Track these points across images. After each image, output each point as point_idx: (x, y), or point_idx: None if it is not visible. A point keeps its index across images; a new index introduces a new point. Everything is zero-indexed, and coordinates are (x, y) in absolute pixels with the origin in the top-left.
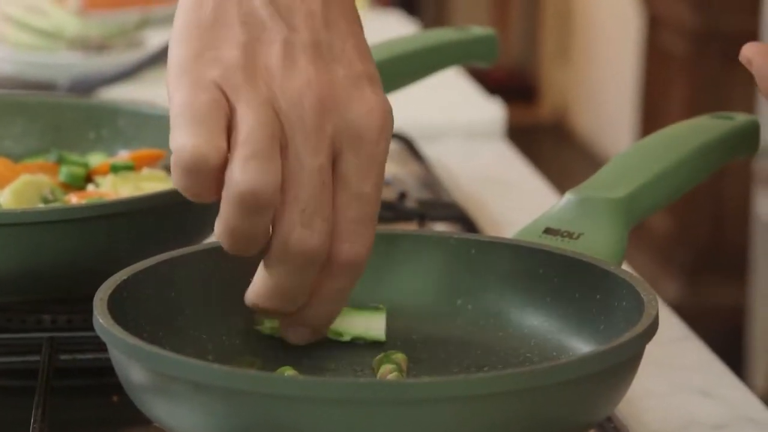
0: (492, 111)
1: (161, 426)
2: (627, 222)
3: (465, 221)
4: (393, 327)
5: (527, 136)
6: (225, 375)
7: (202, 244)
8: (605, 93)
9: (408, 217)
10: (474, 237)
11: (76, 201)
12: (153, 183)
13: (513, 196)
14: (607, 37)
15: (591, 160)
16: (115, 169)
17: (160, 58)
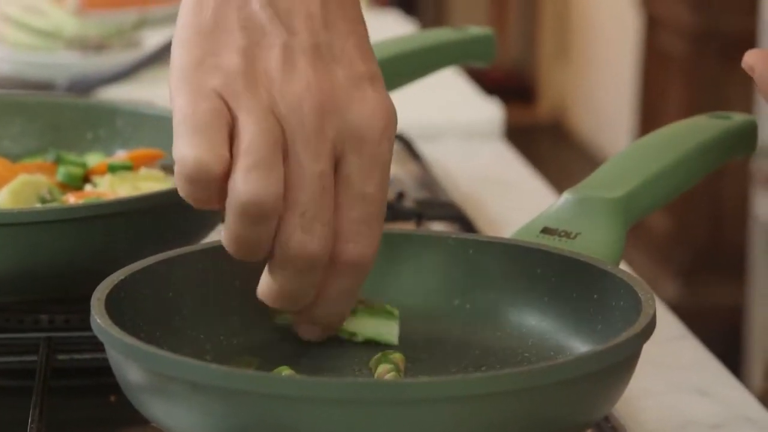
0: (490, 111)
1: (159, 426)
2: (625, 222)
3: (463, 221)
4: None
5: (526, 136)
6: (222, 375)
7: (199, 244)
8: (604, 93)
9: (406, 217)
10: (472, 237)
11: (73, 201)
12: (151, 183)
13: (511, 196)
14: (606, 38)
15: (589, 160)
16: (113, 169)
17: (158, 58)
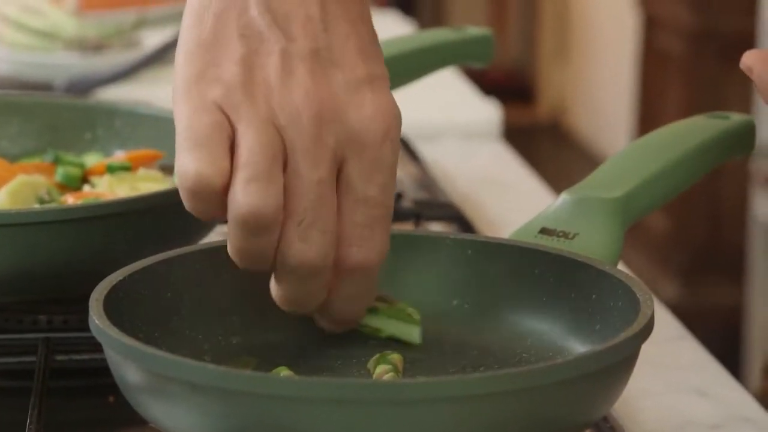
0: (489, 111)
1: (157, 427)
2: (623, 222)
3: (461, 221)
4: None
5: (525, 136)
6: (221, 375)
7: (198, 244)
8: (603, 93)
9: (404, 218)
10: (470, 237)
11: (72, 201)
12: (149, 183)
13: (510, 196)
14: (605, 38)
15: (588, 160)
16: (112, 170)
17: (157, 58)
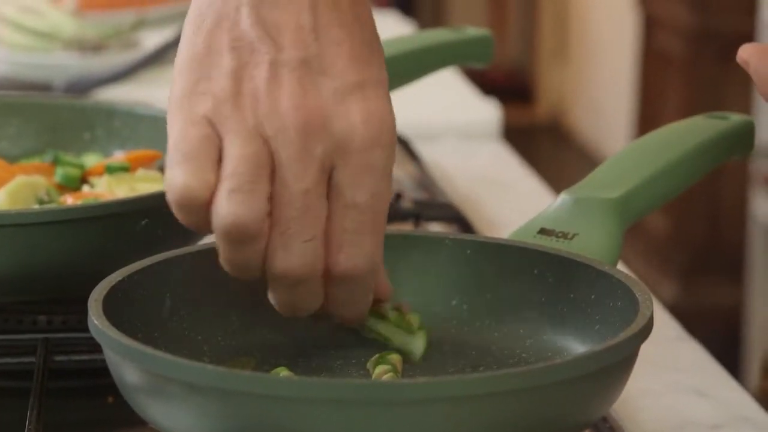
0: (488, 112)
1: (156, 427)
2: (622, 222)
3: (461, 222)
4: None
5: (524, 136)
6: (220, 376)
7: (197, 245)
8: (602, 94)
9: (404, 218)
10: (469, 237)
11: (71, 202)
12: (148, 184)
13: (509, 196)
14: (604, 38)
15: (588, 160)
16: (111, 170)
17: (156, 58)
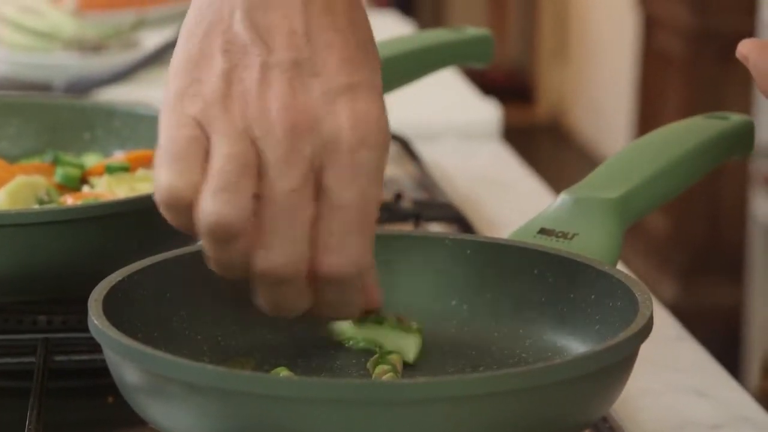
0: (488, 112)
1: (156, 427)
2: (622, 222)
3: (461, 222)
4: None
5: (524, 136)
6: (220, 376)
7: (197, 245)
8: (602, 94)
9: (404, 218)
10: (469, 237)
11: (71, 202)
12: (148, 184)
13: (509, 197)
14: (604, 38)
15: (588, 160)
16: (111, 170)
17: (156, 58)
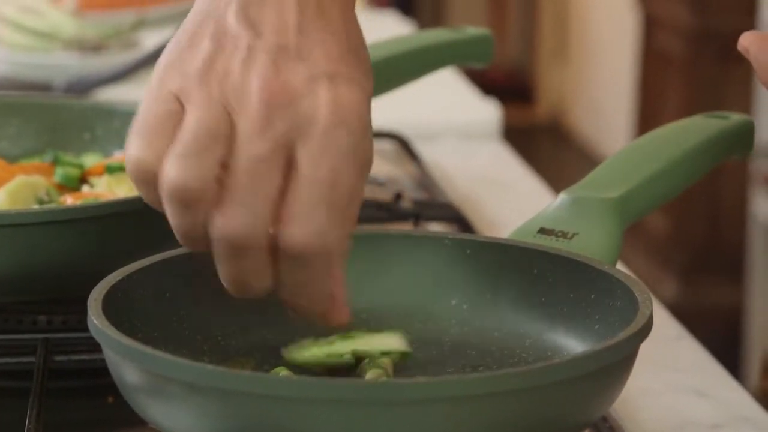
0: (488, 111)
1: (156, 427)
2: (621, 222)
3: (460, 222)
4: (388, 327)
5: (524, 136)
6: (220, 376)
7: None
8: (602, 93)
9: (403, 218)
10: (469, 237)
11: (71, 202)
12: None
13: (509, 196)
14: (604, 38)
15: (588, 160)
16: (110, 170)
17: (155, 58)
